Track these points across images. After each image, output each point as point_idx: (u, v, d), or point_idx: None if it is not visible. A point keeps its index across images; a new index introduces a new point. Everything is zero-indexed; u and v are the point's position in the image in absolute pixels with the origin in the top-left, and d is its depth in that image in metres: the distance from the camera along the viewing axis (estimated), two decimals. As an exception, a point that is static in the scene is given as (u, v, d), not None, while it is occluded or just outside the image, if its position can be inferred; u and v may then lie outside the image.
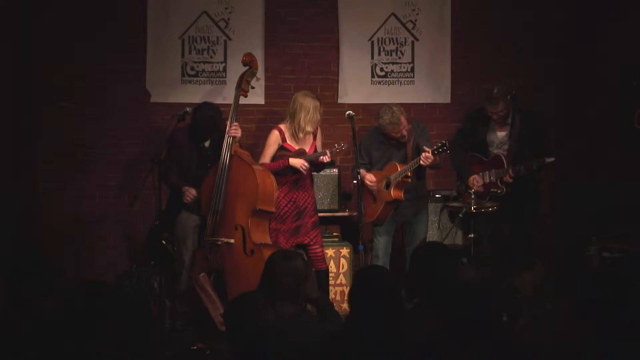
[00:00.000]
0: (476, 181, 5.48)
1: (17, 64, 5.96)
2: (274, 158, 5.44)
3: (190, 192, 5.38)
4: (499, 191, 5.41)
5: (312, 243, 5.45)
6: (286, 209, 5.41)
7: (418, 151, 5.46)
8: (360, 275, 3.32)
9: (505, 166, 5.36)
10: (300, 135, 5.42)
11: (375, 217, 5.59)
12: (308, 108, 5.37)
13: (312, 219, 5.49)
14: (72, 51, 6.17)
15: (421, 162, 5.27)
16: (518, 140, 5.40)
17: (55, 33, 6.14)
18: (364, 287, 3.05)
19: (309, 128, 5.41)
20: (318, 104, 5.43)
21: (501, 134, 5.51)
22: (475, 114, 5.63)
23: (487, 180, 5.45)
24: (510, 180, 5.33)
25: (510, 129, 5.45)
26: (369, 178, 5.55)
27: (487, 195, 5.45)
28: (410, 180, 5.45)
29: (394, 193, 5.47)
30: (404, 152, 5.57)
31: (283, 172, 5.38)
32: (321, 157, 5.34)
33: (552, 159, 5.21)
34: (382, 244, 5.63)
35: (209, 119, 5.37)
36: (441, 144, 5.23)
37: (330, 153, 5.34)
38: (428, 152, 5.23)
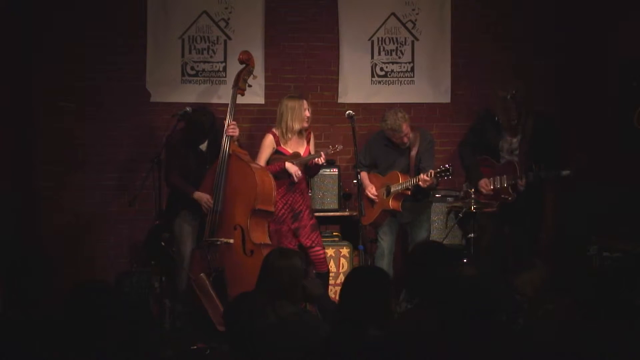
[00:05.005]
0: (486, 185, 5.43)
1: (17, 64, 5.96)
2: (268, 162, 5.45)
3: (208, 201, 5.25)
4: (509, 198, 5.32)
5: (313, 245, 5.45)
6: (283, 210, 5.41)
7: (421, 161, 5.48)
8: (355, 274, 3.28)
9: (518, 174, 5.26)
10: (290, 135, 5.43)
11: (371, 221, 5.64)
12: (293, 107, 5.41)
13: (311, 222, 5.49)
14: (72, 51, 6.17)
15: (419, 183, 5.30)
16: (529, 147, 5.31)
17: (55, 33, 6.14)
18: (357, 286, 3.04)
19: (297, 126, 5.41)
20: (303, 101, 5.45)
21: (512, 140, 5.44)
22: (486, 115, 5.56)
23: (498, 185, 5.39)
24: (523, 187, 5.26)
25: (521, 134, 5.35)
26: (371, 190, 5.60)
27: (497, 201, 5.41)
28: (410, 193, 5.46)
29: (392, 204, 5.50)
30: (407, 160, 5.57)
31: (279, 175, 5.38)
32: (316, 159, 5.35)
33: (568, 172, 5.13)
34: (386, 242, 5.65)
35: (198, 124, 5.33)
36: (444, 169, 5.19)
37: (325, 154, 5.35)
38: (427, 176, 5.24)
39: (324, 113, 6.38)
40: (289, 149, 5.46)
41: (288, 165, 5.36)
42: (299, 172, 5.37)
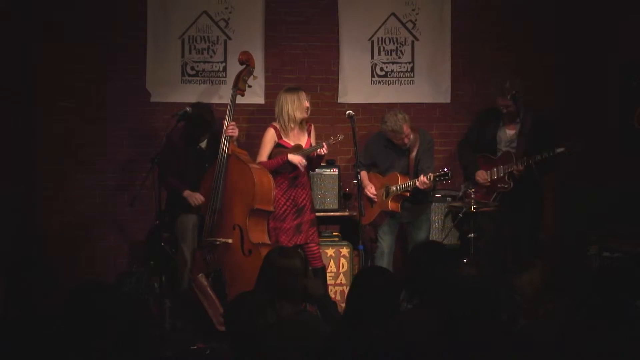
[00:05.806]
0: (482, 175, 5.50)
1: (17, 64, 5.96)
2: (270, 156, 5.45)
3: (197, 198, 5.34)
4: (506, 186, 5.43)
5: (308, 241, 5.44)
6: (285, 207, 5.40)
7: (420, 162, 5.50)
8: (362, 274, 3.32)
9: (514, 161, 5.38)
10: (292, 125, 5.42)
11: (370, 221, 5.64)
12: (292, 98, 5.41)
13: (310, 217, 5.48)
14: (72, 51, 6.17)
15: (417, 185, 5.31)
16: (527, 138, 5.43)
17: (55, 33, 6.14)
18: (364, 287, 3.04)
19: (298, 115, 5.40)
20: (301, 92, 5.45)
21: (510, 132, 5.56)
22: (486, 112, 5.69)
23: (495, 176, 5.47)
24: (520, 171, 5.32)
25: (519, 127, 5.49)
26: (370, 190, 5.61)
27: (494, 192, 5.47)
28: (409, 194, 5.47)
29: (391, 205, 5.52)
30: (406, 161, 5.58)
31: (282, 169, 5.38)
32: (318, 150, 5.35)
33: (562, 149, 5.24)
34: (386, 242, 5.66)
35: (199, 118, 5.33)
36: (443, 173, 5.25)
37: (327, 145, 5.35)
38: (426, 179, 5.28)
39: (324, 113, 6.38)
40: (291, 141, 5.46)
41: (291, 157, 5.35)
42: (303, 161, 5.36)
